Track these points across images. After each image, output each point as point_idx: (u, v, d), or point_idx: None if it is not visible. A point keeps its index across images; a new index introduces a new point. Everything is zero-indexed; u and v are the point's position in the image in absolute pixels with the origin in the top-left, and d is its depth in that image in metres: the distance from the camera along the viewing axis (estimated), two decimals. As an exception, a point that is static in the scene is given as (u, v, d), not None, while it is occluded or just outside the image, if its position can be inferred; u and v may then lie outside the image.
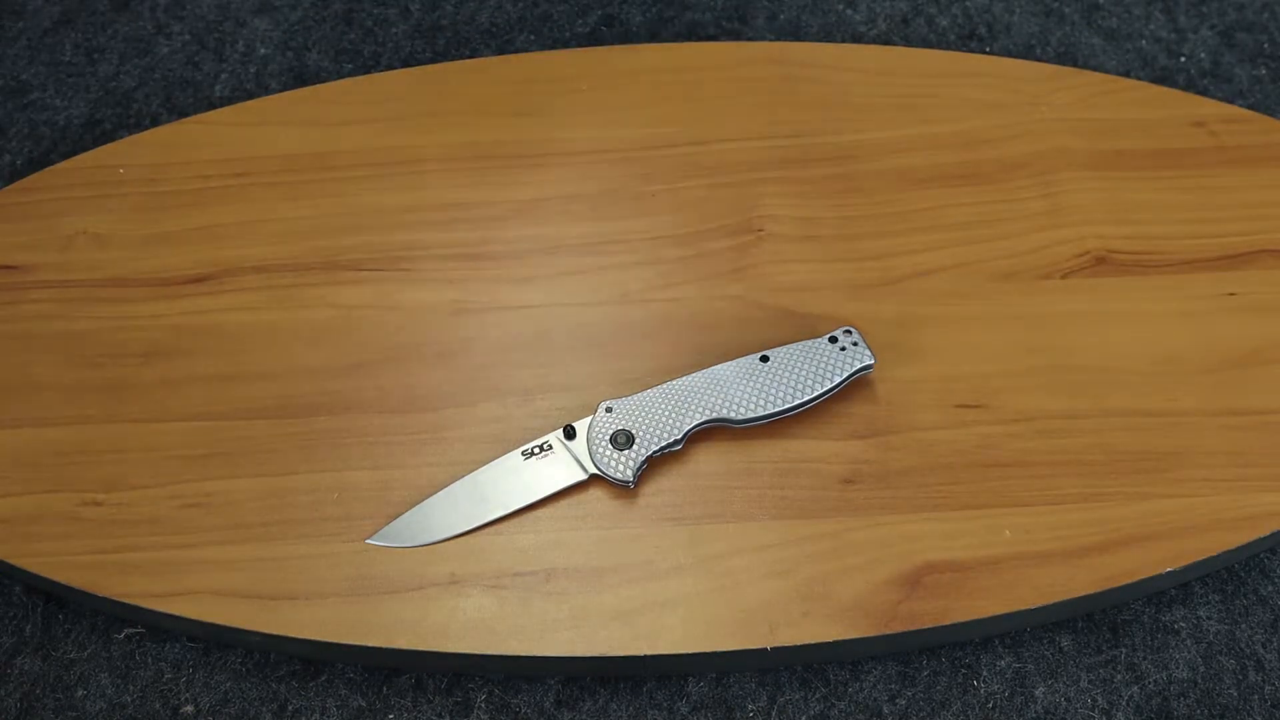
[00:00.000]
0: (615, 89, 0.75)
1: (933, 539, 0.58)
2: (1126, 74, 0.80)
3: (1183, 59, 0.81)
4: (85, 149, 0.76)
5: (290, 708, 0.58)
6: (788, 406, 0.60)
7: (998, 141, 0.72)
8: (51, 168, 0.72)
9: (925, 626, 0.56)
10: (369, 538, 0.58)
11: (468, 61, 0.77)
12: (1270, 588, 0.61)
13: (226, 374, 0.64)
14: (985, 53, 0.80)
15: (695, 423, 0.60)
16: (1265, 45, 0.81)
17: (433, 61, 0.81)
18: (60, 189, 0.71)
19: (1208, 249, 0.67)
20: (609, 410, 0.60)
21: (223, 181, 0.71)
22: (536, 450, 0.60)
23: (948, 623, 0.56)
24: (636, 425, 0.60)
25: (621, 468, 0.59)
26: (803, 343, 0.62)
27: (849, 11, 0.81)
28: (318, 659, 0.59)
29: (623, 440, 0.59)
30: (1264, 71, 0.80)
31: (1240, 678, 0.59)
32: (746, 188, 0.70)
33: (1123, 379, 0.63)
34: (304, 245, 0.68)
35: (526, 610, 0.57)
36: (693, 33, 0.81)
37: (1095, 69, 0.80)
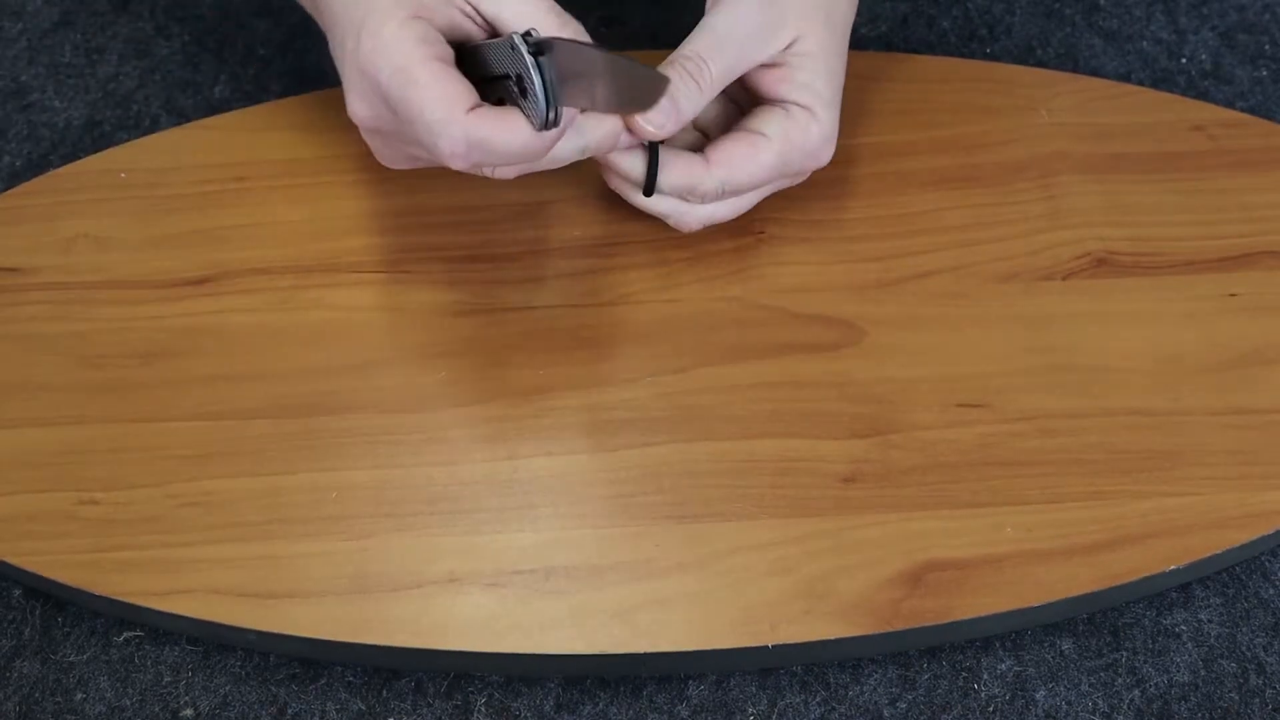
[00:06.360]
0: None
1: (935, 537, 0.58)
2: (1127, 75, 0.80)
3: (1183, 60, 0.81)
4: (85, 150, 0.76)
5: (290, 711, 0.58)
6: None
7: (997, 145, 0.72)
8: (53, 172, 0.72)
9: (928, 624, 0.56)
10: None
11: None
12: (1271, 590, 0.61)
13: (226, 374, 0.64)
14: (986, 54, 0.80)
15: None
16: (1266, 46, 0.82)
17: (433, 66, 0.81)
18: (62, 193, 0.71)
19: (1209, 250, 0.68)
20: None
21: (224, 185, 0.71)
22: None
23: (951, 620, 0.56)
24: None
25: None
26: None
27: (849, 15, 0.82)
28: (316, 659, 0.59)
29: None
30: (1265, 73, 0.80)
31: (1241, 681, 0.58)
32: (747, 190, 0.70)
33: (1125, 378, 0.63)
34: (305, 248, 0.68)
35: (526, 608, 0.56)
36: (693, 35, 0.81)
37: (1096, 70, 0.80)
